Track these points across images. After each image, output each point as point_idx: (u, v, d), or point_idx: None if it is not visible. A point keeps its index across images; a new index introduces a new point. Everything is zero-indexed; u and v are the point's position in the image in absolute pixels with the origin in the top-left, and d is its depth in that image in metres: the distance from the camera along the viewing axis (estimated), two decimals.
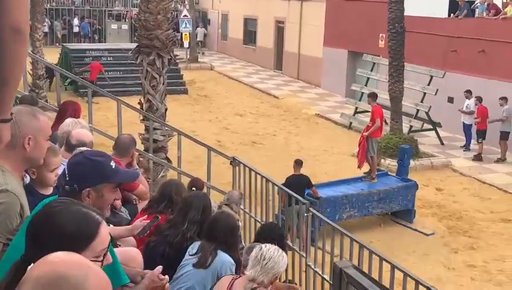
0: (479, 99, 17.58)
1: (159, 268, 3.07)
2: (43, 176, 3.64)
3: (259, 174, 8.07)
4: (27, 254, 2.02)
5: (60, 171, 3.70)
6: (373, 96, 14.56)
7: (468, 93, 18.16)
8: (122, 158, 5.63)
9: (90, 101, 8.96)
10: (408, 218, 13.28)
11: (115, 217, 4.95)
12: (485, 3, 20.45)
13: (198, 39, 36.21)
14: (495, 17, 19.44)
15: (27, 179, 3.74)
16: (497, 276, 11.01)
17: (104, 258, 2.13)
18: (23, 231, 2.65)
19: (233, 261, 4.60)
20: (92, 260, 2.03)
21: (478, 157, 17.47)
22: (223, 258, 4.56)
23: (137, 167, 5.96)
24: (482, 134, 17.45)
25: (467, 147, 18.37)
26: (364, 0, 23.77)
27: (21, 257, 2.02)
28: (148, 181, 6.80)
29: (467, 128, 18.29)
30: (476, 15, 20.85)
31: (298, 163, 11.95)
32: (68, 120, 5.41)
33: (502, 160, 17.08)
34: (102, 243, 2.11)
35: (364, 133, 13.87)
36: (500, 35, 18.53)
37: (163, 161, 11.15)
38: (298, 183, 11.13)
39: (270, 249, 4.13)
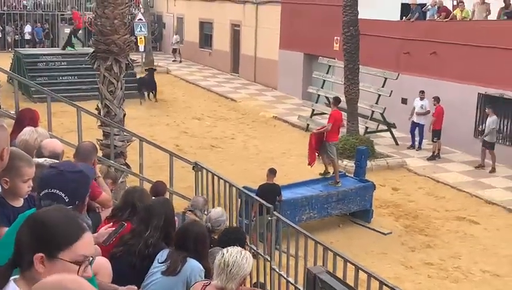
0: (437, 99, 17.93)
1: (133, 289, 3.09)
2: (16, 186, 3.56)
3: (221, 178, 8.11)
4: (15, 257, 2.10)
5: None
6: (335, 100, 14.78)
7: (422, 93, 18.54)
8: None
9: (50, 108, 8.83)
10: (366, 218, 13.50)
11: None
12: (436, 6, 20.93)
13: (174, 47, 35.63)
14: (446, 19, 19.91)
15: None
16: (454, 273, 11.30)
17: (83, 265, 2.18)
18: (1, 243, 2.66)
19: (202, 267, 4.61)
20: (70, 262, 2.12)
21: (433, 157, 17.85)
22: (192, 264, 4.57)
23: (99, 174, 5.93)
24: (437, 134, 17.84)
25: (418, 147, 18.73)
26: (319, 3, 24.02)
27: (9, 260, 2.08)
28: (112, 190, 6.75)
29: (420, 128, 18.63)
30: (427, 18, 21.31)
31: (272, 172, 12.07)
32: (26, 129, 5.39)
33: (493, 169, 16.93)
34: (83, 248, 2.17)
35: (314, 131, 14.17)
36: (451, 37, 19.00)
37: (123, 166, 11.07)
38: (271, 191, 11.32)
39: (232, 254, 4.08)
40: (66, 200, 2.95)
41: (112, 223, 4.85)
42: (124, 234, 4.84)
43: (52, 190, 3.07)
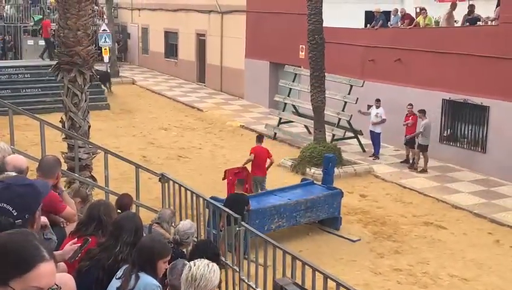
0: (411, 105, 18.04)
1: None
2: None
3: (188, 189, 8.04)
4: None
5: None
6: (257, 138, 15.11)
7: (378, 102, 18.66)
8: (47, 180, 5.48)
9: (12, 121, 8.65)
10: (335, 225, 13.53)
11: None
12: (399, 13, 21.19)
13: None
14: (409, 26, 20.16)
15: None
16: (422, 278, 11.36)
17: None
18: None
19: (158, 284, 4.53)
20: None
21: (408, 162, 17.98)
22: (146, 280, 4.49)
23: (63, 189, 5.84)
24: (412, 141, 17.95)
25: (376, 156, 18.80)
26: (284, 12, 24.12)
27: None
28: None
29: (376, 137, 18.76)
30: (392, 25, 21.53)
31: (241, 182, 12.10)
32: None
33: (424, 170, 17.40)
34: (37, 279, 2.04)
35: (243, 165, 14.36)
36: (415, 44, 19.24)
37: (88, 179, 10.92)
38: (239, 201, 11.28)
39: (199, 267, 4.00)
40: (14, 214, 2.87)
41: (76, 239, 4.76)
42: (91, 248, 4.75)
43: (0, 204, 2.99)
